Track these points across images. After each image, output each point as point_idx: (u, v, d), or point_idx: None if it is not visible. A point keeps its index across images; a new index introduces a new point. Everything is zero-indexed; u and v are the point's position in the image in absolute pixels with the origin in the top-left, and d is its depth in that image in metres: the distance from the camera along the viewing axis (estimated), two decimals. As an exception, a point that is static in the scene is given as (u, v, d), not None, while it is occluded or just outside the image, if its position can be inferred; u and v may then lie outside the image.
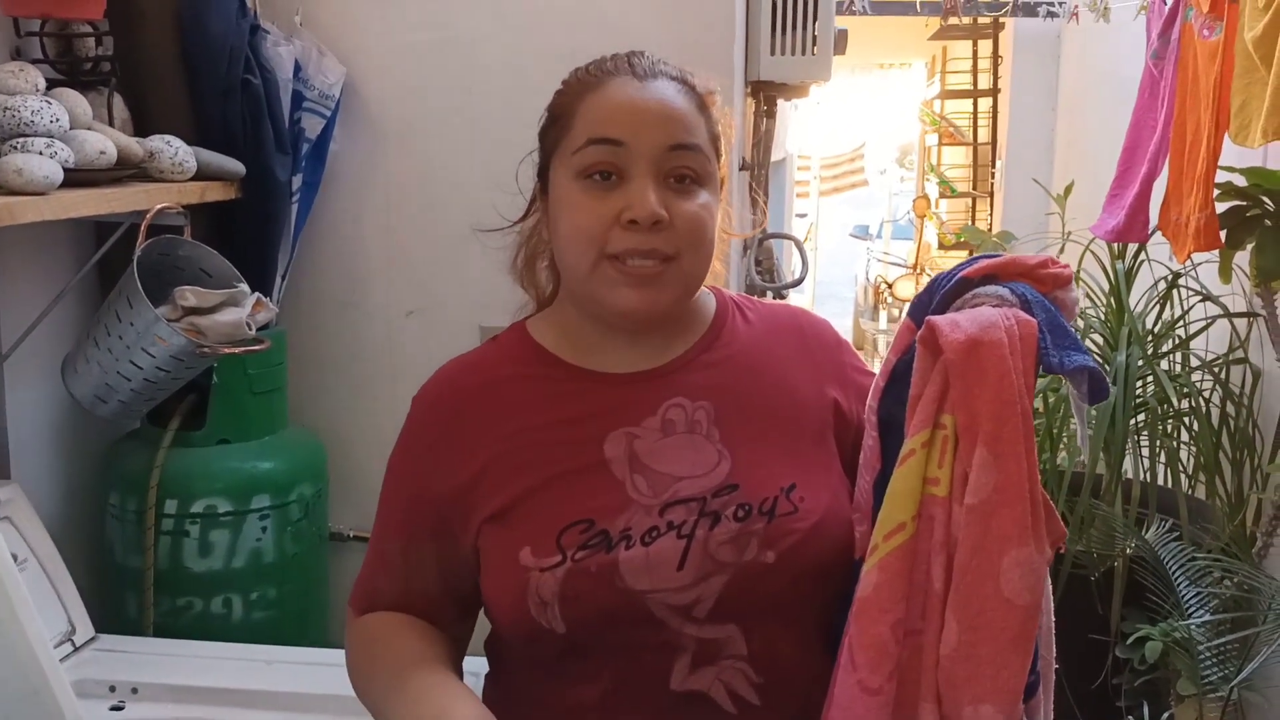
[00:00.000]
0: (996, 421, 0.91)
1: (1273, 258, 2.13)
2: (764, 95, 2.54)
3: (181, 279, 1.81)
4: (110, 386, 1.78)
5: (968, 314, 0.95)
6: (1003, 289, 0.97)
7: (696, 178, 1.04)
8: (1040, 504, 0.93)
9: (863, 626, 0.94)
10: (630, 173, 1.01)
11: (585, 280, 1.03)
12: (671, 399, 1.06)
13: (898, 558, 0.94)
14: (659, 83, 1.05)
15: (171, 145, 1.80)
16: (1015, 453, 0.91)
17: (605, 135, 1.02)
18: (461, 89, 2.19)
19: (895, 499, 0.95)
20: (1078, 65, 4.61)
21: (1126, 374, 2.43)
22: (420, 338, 2.27)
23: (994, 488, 0.91)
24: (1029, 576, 0.91)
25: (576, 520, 1.00)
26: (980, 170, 6.02)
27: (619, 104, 1.03)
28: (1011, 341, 0.91)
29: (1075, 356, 0.92)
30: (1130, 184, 2.50)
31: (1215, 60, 2.16)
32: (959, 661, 0.92)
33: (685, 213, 1.02)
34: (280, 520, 1.96)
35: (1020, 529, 0.91)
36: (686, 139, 1.03)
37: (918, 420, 0.95)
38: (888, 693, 0.94)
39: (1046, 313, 0.95)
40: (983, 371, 0.91)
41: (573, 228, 1.03)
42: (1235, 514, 2.40)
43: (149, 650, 1.67)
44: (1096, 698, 2.32)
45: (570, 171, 1.03)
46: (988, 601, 0.91)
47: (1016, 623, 0.91)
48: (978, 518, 0.91)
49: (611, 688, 1.01)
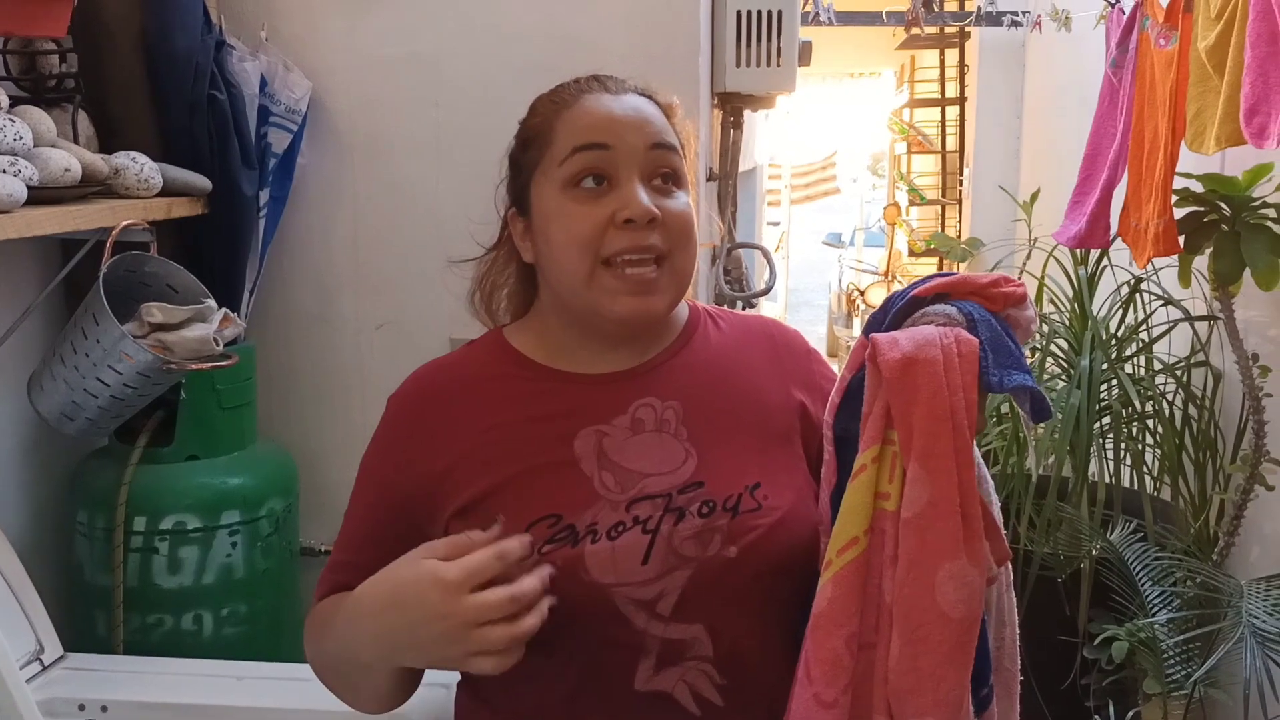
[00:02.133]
0: (928, 437, 0.93)
1: (1230, 262, 2.17)
2: (730, 107, 2.56)
3: (148, 295, 1.81)
4: (77, 404, 1.77)
5: (908, 332, 0.97)
6: (950, 308, 0.99)
7: (676, 178, 1.08)
8: (976, 518, 0.94)
9: (818, 640, 0.96)
10: (618, 176, 1.04)
11: (583, 290, 1.05)
12: (642, 399, 1.09)
13: (851, 572, 0.96)
14: (629, 96, 1.09)
15: (137, 161, 1.80)
16: (946, 468, 0.93)
17: (591, 141, 1.05)
18: (429, 103, 2.20)
19: (848, 514, 0.97)
20: (1042, 74, 4.67)
21: (1090, 378, 2.46)
22: (390, 351, 2.27)
23: (927, 502, 0.93)
24: (963, 589, 0.93)
25: (544, 515, 1.02)
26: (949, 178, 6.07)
27: (599, 113, 1.06)
28: (948, 359, 0.93)
29: (1015, 376, 0.94)
30: (1091, 191, 2.54)
31: (1171, 69, 2.20)
32: (902, 674, 0.94)
33: (673, 210, 1.06)
34: (250, 536, 1.96)
35: (953, 543, 0.93)
36: (664, 138, 1.07)
37: (868, 436, 0.97)
38: (843, 706, 0.95)
39: (992, 332, 0.97)
40: (915, 389, 0.93)
41: (566, 236, 1.05)
42: (1198, 514, 2.43)
43: (118, 668, 1.66)
44: (1065, 698, 2.35)
45: (557, 184, 1.06)
46: (925, 614, 0.93)
47: (953, 636, 0.93)
48: (913, 531, 0.94)
49: (577, 687, 1.03)
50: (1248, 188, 2.19)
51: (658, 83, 1.14)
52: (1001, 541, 0.98)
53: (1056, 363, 2.70)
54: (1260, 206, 2.17)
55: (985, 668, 1.05)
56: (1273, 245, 2.12)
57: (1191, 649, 1.96)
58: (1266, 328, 2.32)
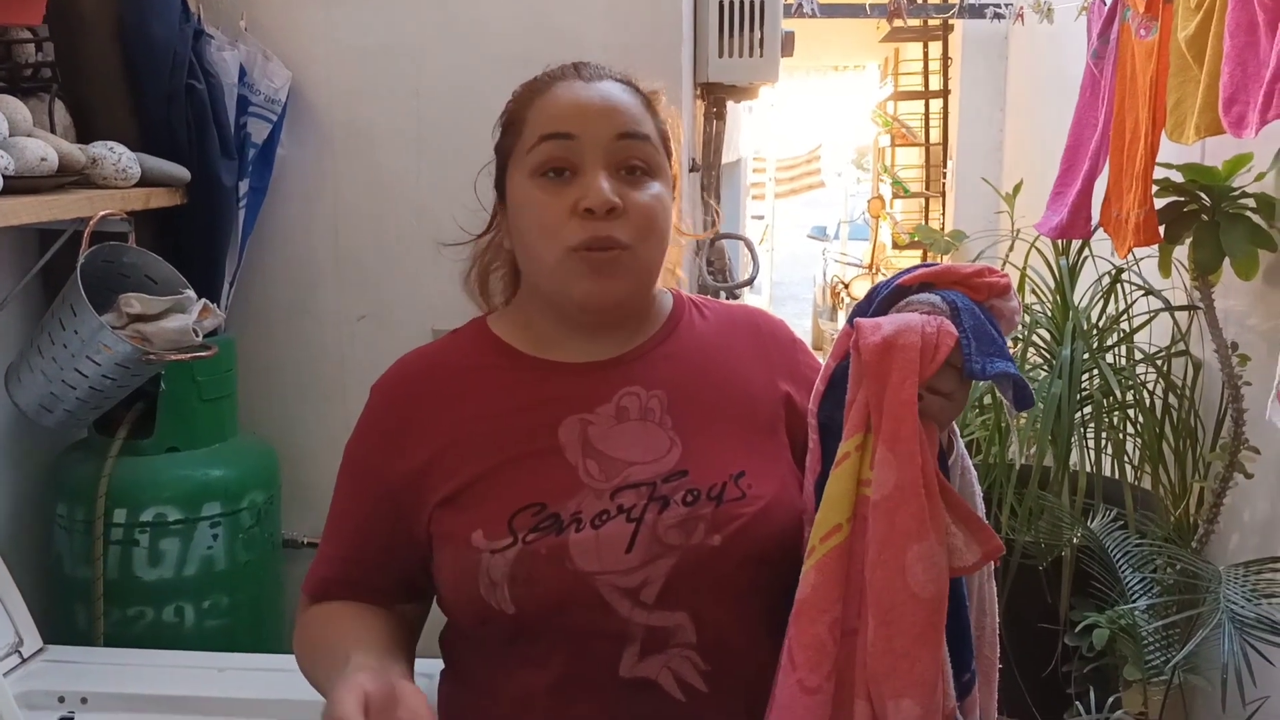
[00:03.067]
0: (895, 420, 0.94)
1: (1209, 251, 2.18)
2: (713, 97, 2.56)
3: (126, 286, 1.80)
4: (55, 395, 1.76)
5: (891, 317, 0.98)
6: (935, 296, 0.99)
7: (648, 169, 1.07)
8: (937, 497, 0.95)
9: (801, 626, 0.96)
10: (583, 165, 1.04)
11: (552, 274, 1.05)
12: (627, 387, 1.09)
13: (834, 559, 0.97)
14: (604, 84, 1.08)
15: (115, 151, 1.79)
16: (910, 450, 0.93)
17: (555, 130, 1.04)
18: (409, 93, 2.19)
19: (831, 501, 0.97)
20: (1024, 66, 4.69)
21: (1072, 368, 2.47)
22: (371, 342, 2.26)
23: (894, 484, 0.94)
24: (932, 569, 0.94)
25: (529, 504, 1.02)
26: (933, 170, 6.09)
27: (567, 101, 1.06)
28: (926, 346, 0.94)
29: (998, 364, 0.95)
30: (1073, 182, 2.55)
31: (1151, 59, 2.20)
32: (879, 656, 0.95)
33: (638, 201, 1.05)
34: (232, 527, 1.95)
35: (920, 524, 0.93)
36: (635, 128, 1.06)
37: (851, 424, 0.97)
38: (826, 692, 0.96)
39: (975, 320, 0.97)
40: (888, 373, 0.94)
41: (532, 224, 1.05)
42: (1178, 503, 2.45)
43: (98, 660, 1.65)
44: (1047, 685, 2.36)
45: (525, 172, 1.06)
46: (897, 596, 0.94)
47: (924, 615, 0.94)
48: (882, 514, 0.94)
49: (561, 675, 1.03)
50: (1227, 178, 2.20)
51: (640, 72, 1.13)
52: (989, 534, 0.98)
53: (1038, 353, 2.71)
54: (1240, 196, 2.18)
55: (968, 653, 1.05)
56: (1252, 235, 2.13)
57: (1171, 635, 1.97)
58: (1245, 316, 2.33)
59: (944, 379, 0.96)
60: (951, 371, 0.96)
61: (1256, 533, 2.27)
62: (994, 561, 1.02)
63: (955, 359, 0.95)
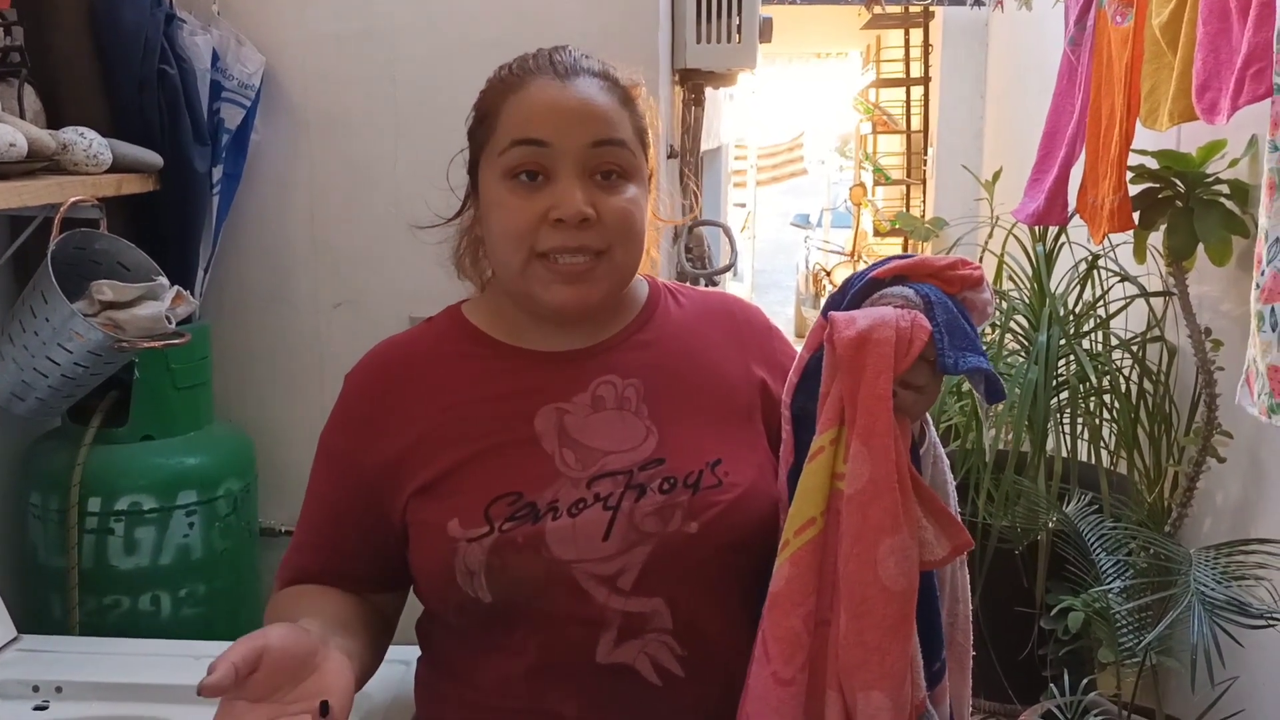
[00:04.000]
0: (869, 415, 0.94)
1: (1183, 237, 2.19)
2: (691, 83, 2.56)
3: (98, 273, 1.78)
4: (27, 383, 1.75)
5: (865, 312, 0.98)
6: (909, 290, 1.00)
7: (623, 172, 1.06)
8: (909, 490, 0.96)
9: (775, 619, 0.97)
10: (556, 172, 1.03)
11: (517, 278, 1.05)
12: (602, 376, 1.09)
13: (808, 552, 0.97)
14: (581, 80, 1.05)
15: (85, 137, 1.77)
16: (885, 445, 0.94)
17: (528, 136, 1.03)
18: (384, 78, 2.18)
19: (806, 495, 0.98)
20: (1004, 53, 4.70)
21: (1048, 353, 2.49)
22: (348, 329, 2.25)
23: (868, 479, 0.94)
24: (904, 562, 0.94)
25: (505, 493, 1.02)
26: (914, 158, 6.10)
27: (541, 105, 1.04)
28: (901, 340, 0.94)
29: (970, 358, 0.95)
30: (1050, 168, 2.56)
31: (1127, 46, 2.21)
32: (850, 648, 0.95)
33: (613, 208, 1.04)
34: (208, 516, 1.94)
35: (894, 518, 0.94)
36: (610, 134, 1.04)
37: (825, 418, 0.98)
38: (800, 683, 0.97)
39: (948, 314, 0.97)
40: (863, 368, 0.94)
41: (502, 228, 1.04)
42: (1153, 487, 2.47)
43: (73, 649, 1.64)
44: (1023, 668, 2.39)
45: (497, 173, 1.05)
46: (869, 589, 0.94)
47: (896, 609, 0.94)
48: (856, 508, 0.95)
49: (538, 660, 1.03)
50: (1201, 164, 2.21)
51: (616, 59, 1.11)
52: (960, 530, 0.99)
53: (1015, 339, 2.72)
54: (1213, 183, 2.20)
55: (938, 643, 1.06)
56: (1225, 221, 2.14)
57: (1144, 618, 1.99)
58: (1219, 302, 2.35)
59: (917, 373, 0.96)
60: (925, 365, 0.96)
61: (1228, 516, 2.30)
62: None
63: (929, 353, 0.96)
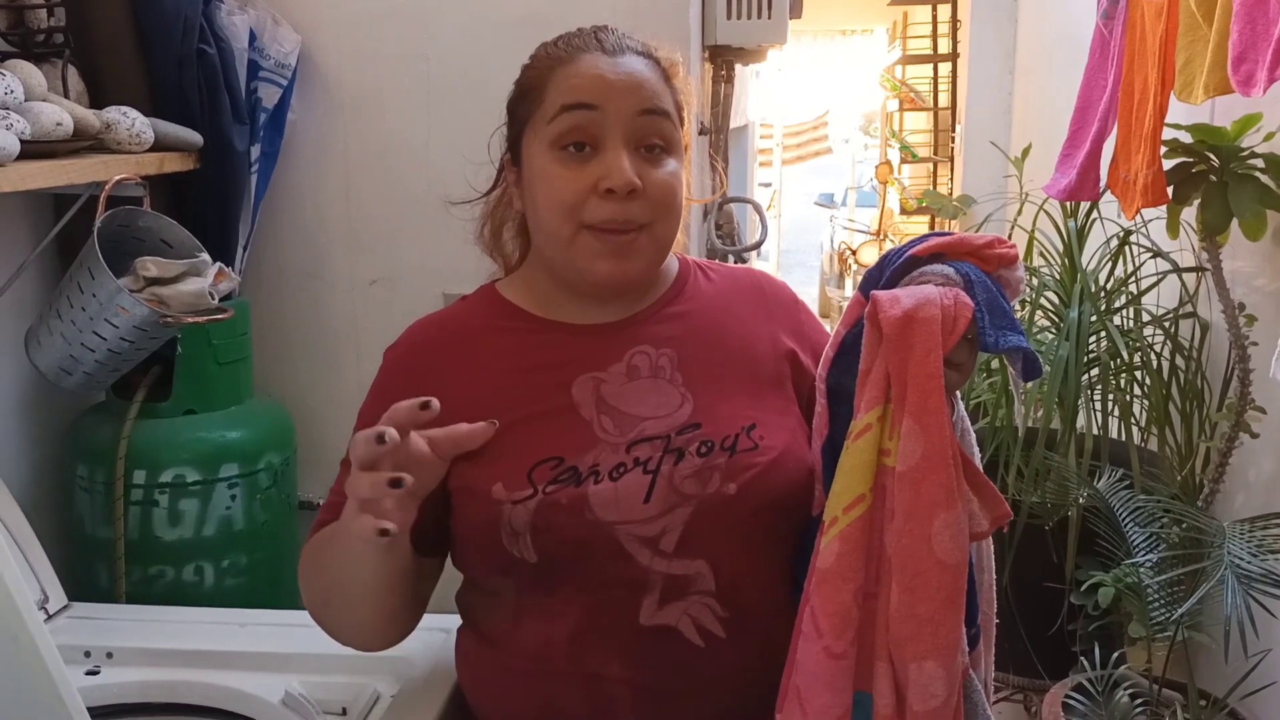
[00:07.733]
0: (921, 393, 0.96)
1: (1217, 212, 2.18)
2: (721, 60, 2.56)
3: (142, 250, 1.81)
4: (74, 358, 1.78)
5: (908, 290, 0.99)
6: (948, 268, 1.01)
7: (666, 146, 1.08)
8: (960, 467, 0.97)
9: (826, 595, 0.99)
10: (604, 141, 1.05)
11: (564, 249, 1.07)
12: (637, 346, 1.11)
13: (858, 529, 0.99)
14: (626, 57, 1.09)
15: (128, 116, 1.80)
16: (939, 422, 0.96)
17: (579, 100, 1.05)
18: (418, 56, 2.20)
19: (854, 472, 0.99)
20: (1033, 28, 4.65)
21: (1079, 330, 2.48)
22: (383, 307, 2.28)
23: (921, 455, 0.96)
24: (957, 536, 0.96)
25: (547, 457, 1.05)
26: (941, 135, 6.05)
27: (591, 73, 1.07)
28: (946, 319, 0.96)
29: (1010, 337, 0.97)
30: (1081, 143, 2.55)
31: (1161, 19, 2.19)
32: (901, 621, 0.97)
33: (657, 180, 1.07)
34: (249, 488, 1.98)
35: (947, 493, 0.96)
36: (656, 104, 1.08)
37: (870, 396, 0.99)
38: (851, 656, 0.99)
39: (988, 293, 0.99)
40: (911, 346, 0.95)
41: (550, 199, 1.06)
42: (1184, 463, 2.47)
43: (123, 616, 1.68)
44: (1053, 643, 2.39)
45: (544, 142, 1.07)
46: (923, 563, 0.96)
47: (950, 582, 0.96)
48: (908, 484, 0.96)
49: (582, 623, 1.05)
50: (1236, 138, 2.19)
51: (646, 34, 1.14)
52: (1000, 502, 1.01)
53: (1046, 315, 2.72)
54: (1249, 156, 2.18)
55: (974, 608, 1.08)
56: (1260, 195, 2.13)
57: (1176, 592, 2.00)
58: (1253, 277, 2.34)
59: (958, 350, 0.98)
60: (965, 343, 0.98)
61: (1262, 491, 2.29)
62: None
63: (970, 331, 0.97)
